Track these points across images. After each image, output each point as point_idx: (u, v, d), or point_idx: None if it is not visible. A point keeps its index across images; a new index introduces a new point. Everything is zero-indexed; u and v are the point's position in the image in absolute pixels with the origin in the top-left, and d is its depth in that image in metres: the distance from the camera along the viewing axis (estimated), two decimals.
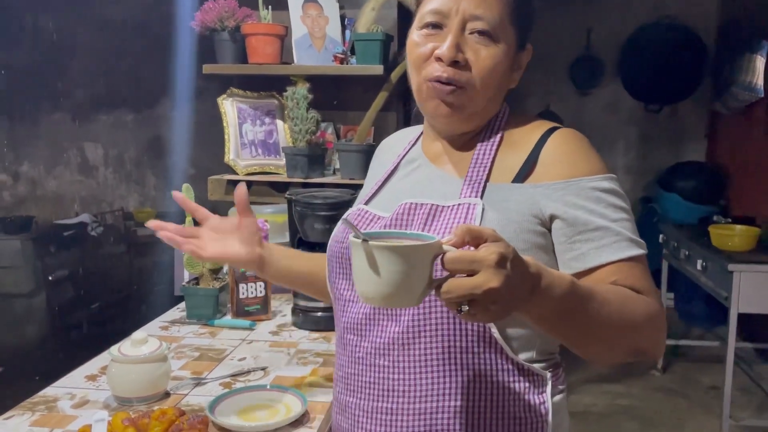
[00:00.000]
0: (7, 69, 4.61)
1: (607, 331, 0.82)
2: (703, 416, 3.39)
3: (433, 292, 0.71)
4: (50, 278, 4.47)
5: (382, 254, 0.69)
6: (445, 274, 0.70)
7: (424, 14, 0.95)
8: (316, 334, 1.66)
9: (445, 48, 0.91)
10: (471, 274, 0.67)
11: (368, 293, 0.72)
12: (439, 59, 0.92)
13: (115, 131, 4.88)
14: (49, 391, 1.30)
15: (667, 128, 5.05)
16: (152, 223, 1.01)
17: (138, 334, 1.27)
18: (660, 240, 3.83)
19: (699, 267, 3.24)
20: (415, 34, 0.96)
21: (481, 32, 0.92)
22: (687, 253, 3.44)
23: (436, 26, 0.93)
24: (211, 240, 1.04)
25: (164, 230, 1.01)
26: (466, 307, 0.68)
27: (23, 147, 4.91)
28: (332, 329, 1.67)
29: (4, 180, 4.97)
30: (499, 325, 0.90)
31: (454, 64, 0.92)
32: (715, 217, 3.65)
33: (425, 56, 0.94)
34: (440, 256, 0.70)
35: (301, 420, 1.18)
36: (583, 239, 0.89)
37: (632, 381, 3.76)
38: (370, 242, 0.70)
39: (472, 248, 0.70)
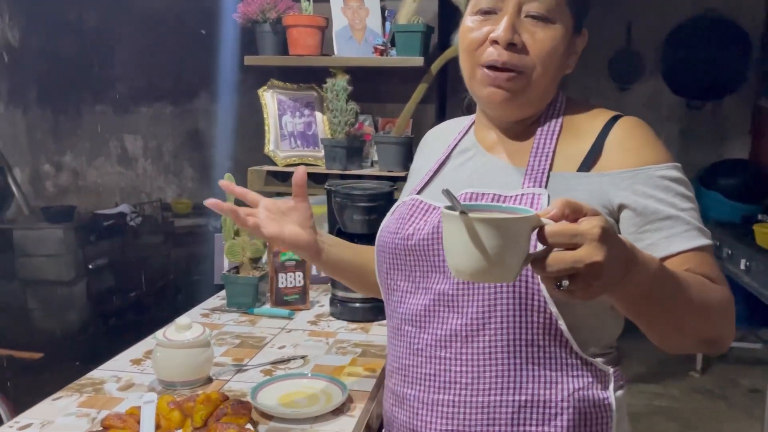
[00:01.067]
0: (51, 62, 4.73)
1: (687, 315, 0.82)
2: (743, 419, 3.31)
3: (528, 266, 0.69)
4: (90, 267, 4.58)
5: (481, 227, 0.66)
6: (540, 248, 0.67)
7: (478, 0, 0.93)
8: (354, 325, 1.66)
9: (501, 30, 0.89)
10: (571, 248, 0.65)
11: (463, 267, 0.70)
12: (494, 42, 0.90)
13: (155, 123, 4.97)
14: (95, 373, 1.33)
15: (709, 125, 4.93)
16: (210, 202, 0.98)
17: (182, 320, 1.29)
18: None
19: (742, 266, 3.16)
20: (468, 20, 0.94)
21: (537, 15, 0.90)
22: (729, 252, 3.36)
23: (491, 12, 0.92)
24: (268, 219, 1.00)
25: (223, 206, 0.98)
26: (566, 282, 0.66)
27: (66, 138, 5.03)
28: (370, 320, 1.67)
29: (47, 170, 5.10)
30: (568, 317, 0.89)
31: (511, 47, 0.90)
32: (759, 216, 3.56)
33: (479, 41, 0.92)
34: (537, 230, 0.67)
35: (342, 408, 1.19)
36: (653, 228, 0.88)
37: (670, 381, 3.70)
38: (469, 215, 0.67)
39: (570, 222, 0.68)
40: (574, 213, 0.67)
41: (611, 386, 0.93)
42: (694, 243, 0.87)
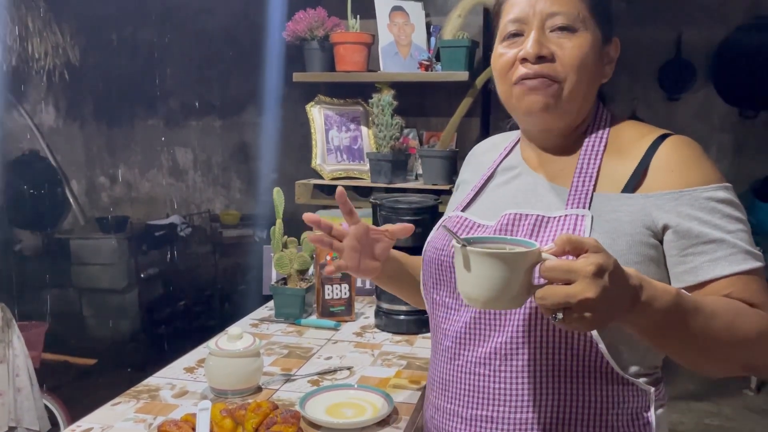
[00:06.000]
0: (106, 78, 4.92)
1: (714, 345, 0.81)
2: None
3: (533, 297, 0.73)
4: (142, 276, 4.72)
5: (483, 260, 0.74)
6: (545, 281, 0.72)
7: (504, 25, 0.96)
8: (398, 337, 1.68)
9: (528, 47, 0.91)
10: (567, 283, 0.69)
11: (471, 295, 0.77)
12: (524, 60, 0.92)
13: (204, 137, 5.11)
14: (151, 380, 1.38)
15: (763, 135, 4.78)
16: (309, 218, 1.00)
17: (234, 330, 1.33)
18: None
19: None
20: (498, 48, 0.97)
21: (561, 28, 0.91)
22: None
23: (518, 34, 0.94)
24: (351, 251, 1.02)
25: (321, 224, 1.00)
26: (560, 315, 0.70)
27: (120, 151, 5.22)
28: (414, 333, 1.69)
29: (102, 182, 5.30)
30: (606, 338, 0.89)
31: (541, 60, 0.91)
32: None
33: (510, 62, 0.94)
34: (540, 264, 0.72)
35: (388, 420, 1.21)
36: (696, 252, 0.87)
37: (723, 400, 3.58)
38: (469, 248, 0.74)
39: (573, 257, 0.72)
40: (575, 249, 0.71)
41: (652, 406, 0.93)
42: (738, 267, 0.85)
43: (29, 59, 4.11)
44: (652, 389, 0.93)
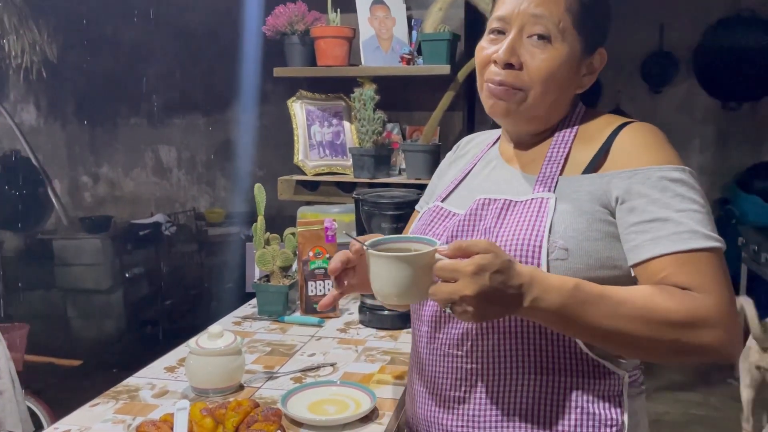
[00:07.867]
0: (87, 76, 4.86)
1: (626, 332, 0.81)
2: None
3: None
4: (127, 275, 4.68)
5: (384, 261, 0.84)
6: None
7: (491, 20, 0.98)
8: (383, 333, 1.67)
9: (501, 51, 0.94)
10: (454, 281, 0.78)
11: (379, 292, 0.86)
12: (495, 62, 0.96)
13: (188, 134, 5.06)
14: (131, 380, 1.36)
15: (746, 126, 4.83)
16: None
17: (214, 328, 1.31)
18: (738, 243, 3.66)
19: None
20: (483, 39, 1.00)
21: (539, 36, 0.93)
22: None
23: (500, 32, 0.96)
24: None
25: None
26: (448, 309, 0.80)
27: (103, 150, 5.16)
28: (398, 328, 1.68)
29: (85, 181, 5.24)
30: None
31: (509, 66, 0.94)
32: None
33: (487, 59, 0.97)
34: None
35: (371, 416, 1.19)
36: (640, 230, 0.87)
37: (709, 389, 3.61)
38: (370, 251, 0.84)
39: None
40: (463, 255, 0.79)
41: (624, 389, 0.93)
42: (682, 246, 0.83)
43: (6, 57, 4.06)
44: (626, 374, 0.93)
